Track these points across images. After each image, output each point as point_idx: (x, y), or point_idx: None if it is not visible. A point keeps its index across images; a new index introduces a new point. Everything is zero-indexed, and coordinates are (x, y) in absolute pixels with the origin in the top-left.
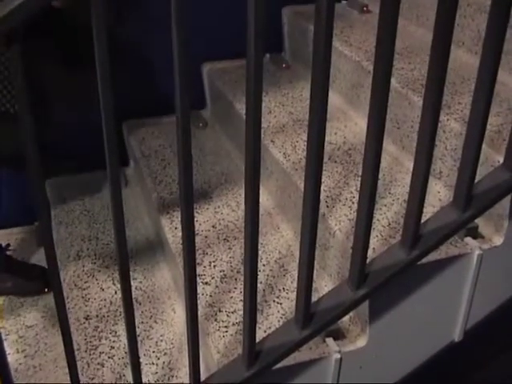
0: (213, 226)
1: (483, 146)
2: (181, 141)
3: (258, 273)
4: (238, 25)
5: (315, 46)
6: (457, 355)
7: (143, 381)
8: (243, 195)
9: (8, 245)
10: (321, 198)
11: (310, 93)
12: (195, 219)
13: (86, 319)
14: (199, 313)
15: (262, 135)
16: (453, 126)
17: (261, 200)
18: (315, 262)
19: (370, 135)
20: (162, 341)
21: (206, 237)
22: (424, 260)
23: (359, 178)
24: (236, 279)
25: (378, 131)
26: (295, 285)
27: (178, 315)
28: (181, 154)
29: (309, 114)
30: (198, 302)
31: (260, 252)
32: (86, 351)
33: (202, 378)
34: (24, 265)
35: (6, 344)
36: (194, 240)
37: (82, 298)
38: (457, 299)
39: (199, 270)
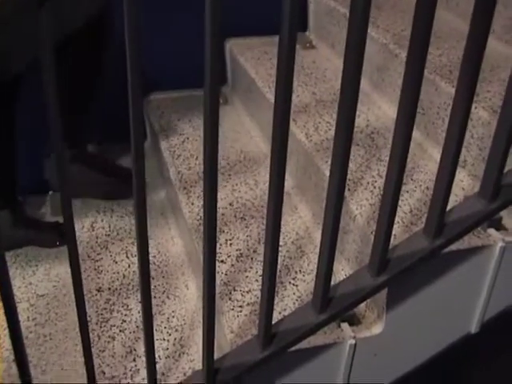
0: (230, 204)
1: None
2: (208, 119)
3: None
4: (260, 2)
5: (350, 32)
6: (472, 347)
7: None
8: (262, 174)
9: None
10: None
11: (342, 78)
12: None
13: (98, 291)
14: None
15: None
16: (481, 115)
17: None
18: None
19: (400, 123)
20: (173, 317)
21: (222, 214)
22: (446, 249)
23: (381, 162)
24: (252, 258)
25: (409, 120)
26: (312, 267)
27: (190, 292)
28: (207, 132)
29: (340, 97)
30: None
31: None
32: (97, 323)
33: (215, 357)
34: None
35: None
36: (215, 218)
37: (95, 269)
38: (476, 291)
39: None
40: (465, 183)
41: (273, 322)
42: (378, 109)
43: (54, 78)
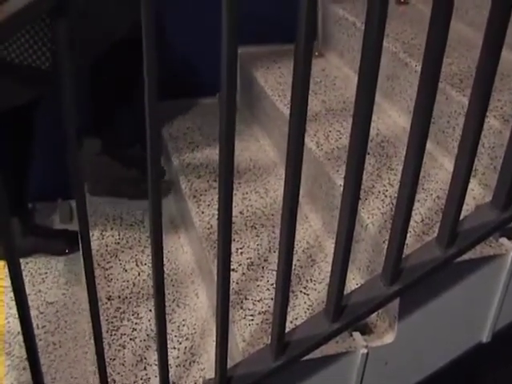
0: (240, 213)
1: None
2: (224, 128)
3: None
4: (268, 10)
5: (365, 43)
6: (484, 356)
7: None
8: (272, 182)
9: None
10: None
11: (356, 90)
12: None
13: (108, 300)
14: None
15: None
16: (492, 124)
17: None
18: None
19: (414, 137)
20: (184, 325)
21: (233, 223)
22: (458, 258)
23: (392, 171)
24: (263, 267)
25: (422, 135)
26: (323, 276)
27: (200, 300)
28: (224, 141)
29: (354, 107)
30: None
31: None
32: (107, 332)
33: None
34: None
35: None
36: (230, 228)
37: (105, 278)
38: (488, 300)
39: None
40: (476, 192)
41: (286, 331)
42: (388, 118)
43: (71, 83)
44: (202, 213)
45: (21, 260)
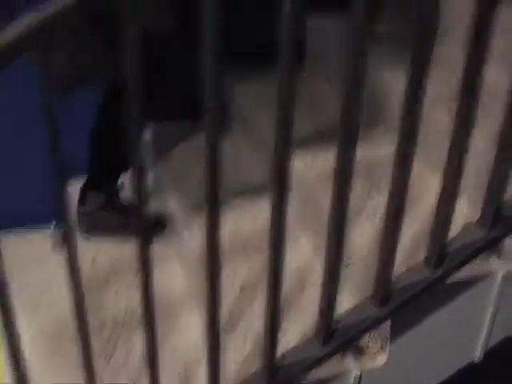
0: (231, 235)
1: None
2: (209, 155)
3: None
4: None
5: (349, 64)
6: (476, 375)
7: None
8: (263, 205)
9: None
10: None
11: (342, 110)
12: None
13: (101, 325)
14: None
15: None
16: (478, 144)
17: None
18: None
19: (399, 157)
20: (177, 351)
21: (224, 246)
22: (448, 278)
23: (381, 192)
24: (255, 290)
25: (406, 157)
26: (314, 299)
27: (193, 325)
28: (209, 166)
29: (340, 129)
30: None
31: None
32: (99, 357)
33: None
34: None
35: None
36: (218, 252)
37: (97, 303)
38: (479, 319)
39: None
40: (464, 210)
41: (277, 355)
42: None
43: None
44: (194, 235)
45: None
